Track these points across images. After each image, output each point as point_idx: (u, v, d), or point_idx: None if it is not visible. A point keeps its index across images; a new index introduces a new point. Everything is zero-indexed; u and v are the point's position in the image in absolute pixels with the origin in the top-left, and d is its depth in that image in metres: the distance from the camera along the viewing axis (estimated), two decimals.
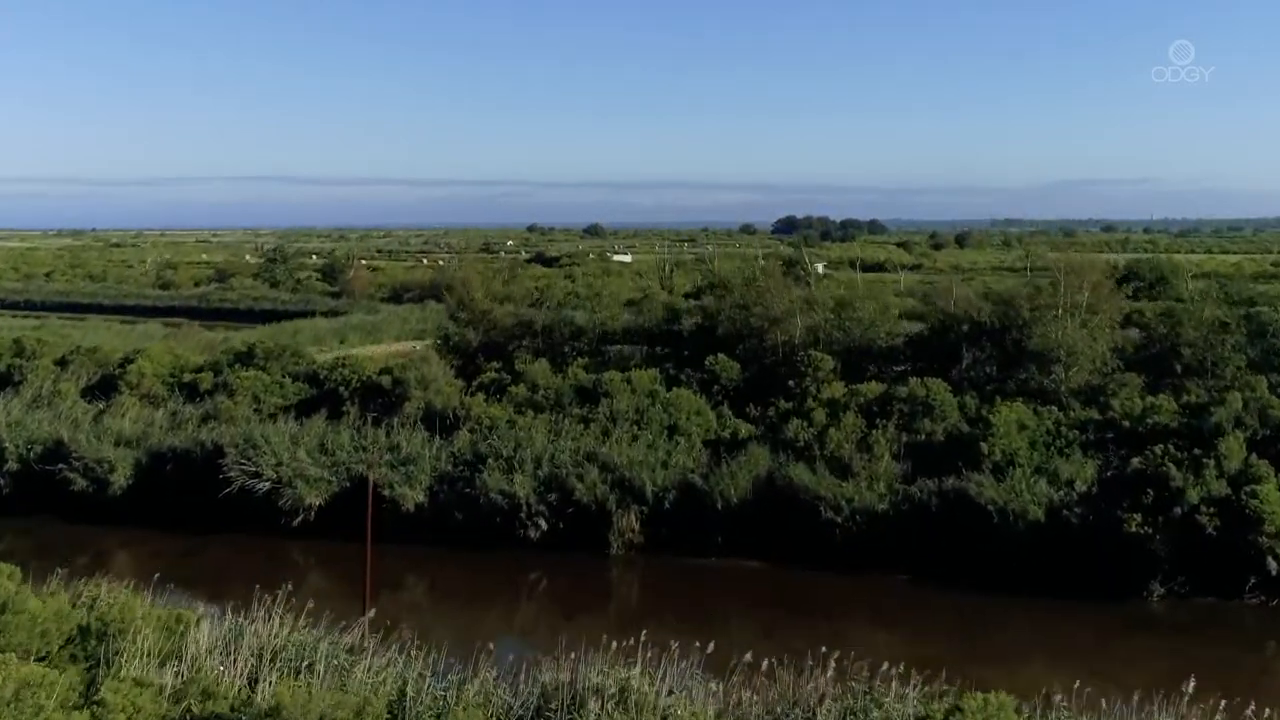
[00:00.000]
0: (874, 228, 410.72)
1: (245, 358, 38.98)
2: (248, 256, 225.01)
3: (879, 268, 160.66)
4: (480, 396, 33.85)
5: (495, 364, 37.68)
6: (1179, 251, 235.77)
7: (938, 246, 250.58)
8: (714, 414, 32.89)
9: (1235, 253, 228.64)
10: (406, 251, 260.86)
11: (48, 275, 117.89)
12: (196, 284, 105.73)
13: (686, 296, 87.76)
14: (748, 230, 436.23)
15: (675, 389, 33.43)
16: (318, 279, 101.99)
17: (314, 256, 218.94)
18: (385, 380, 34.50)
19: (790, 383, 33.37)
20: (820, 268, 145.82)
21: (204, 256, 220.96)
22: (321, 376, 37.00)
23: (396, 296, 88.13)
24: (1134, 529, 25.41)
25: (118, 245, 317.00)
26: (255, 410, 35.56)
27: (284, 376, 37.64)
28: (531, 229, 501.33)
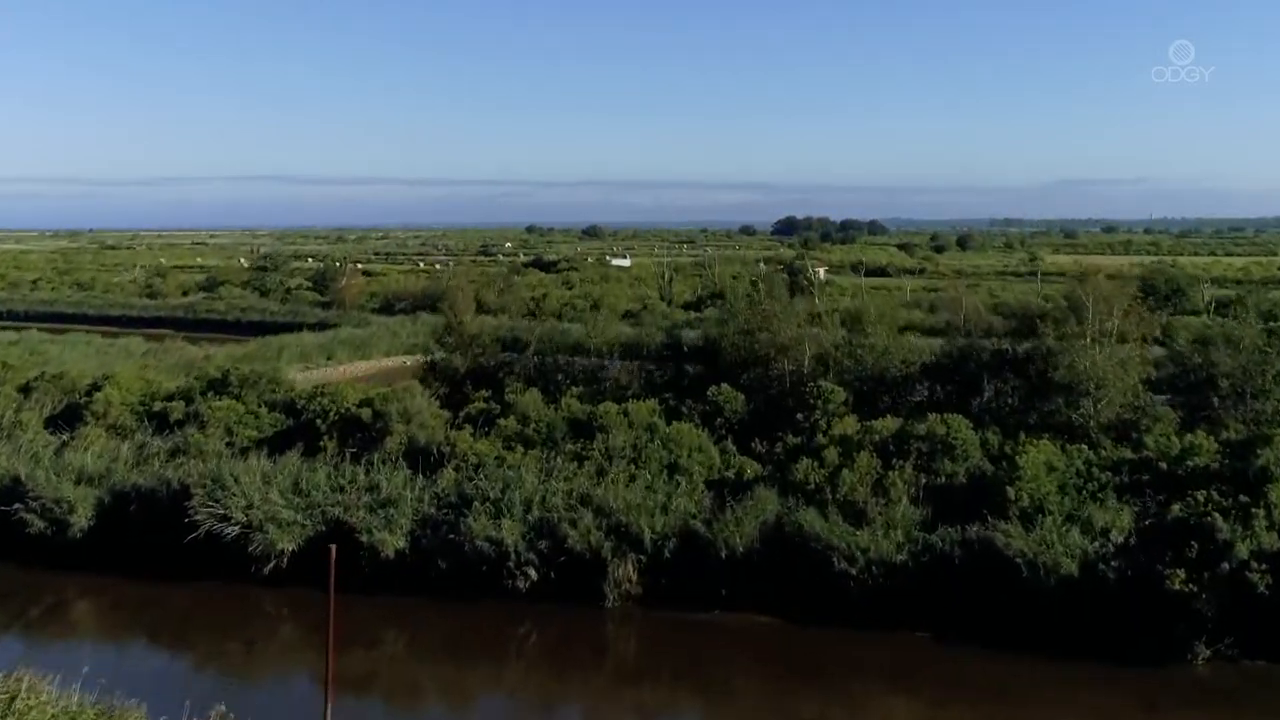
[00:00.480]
0: (874, 228, 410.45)
1: (219, 385, 36.76)
2: (242, 260, 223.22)
3: (882, 272, 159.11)
4: (467, 431, 31.64)
5: (484, 393, 35.45)
6: (1182, 254, 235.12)
7: (939, 249, 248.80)
8: (717, 450, 30.71)
9: (1240, 255, 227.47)
10: (404, 254, 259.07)
11: (34, 283, 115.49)
12: (185, 293, 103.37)
13: (686, 306, 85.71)
14: (747, 231, 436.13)
15: (675, 423, 31.25)
16: (308, 287, 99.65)
17: (310, 260, 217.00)
18: (365, 413, 32.28)
19: (799, 416, 31.17)
20: (822, 273, 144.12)
21: (199, 260, 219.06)
22: (299, 406, 34.81)
23: (388, 307, 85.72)
24: (1177, 586, 23.21)
25: (113, 248, 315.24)
26: (227, 444, 33.37)
27: (260, 406, 35.44)
28: (530, 230, 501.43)
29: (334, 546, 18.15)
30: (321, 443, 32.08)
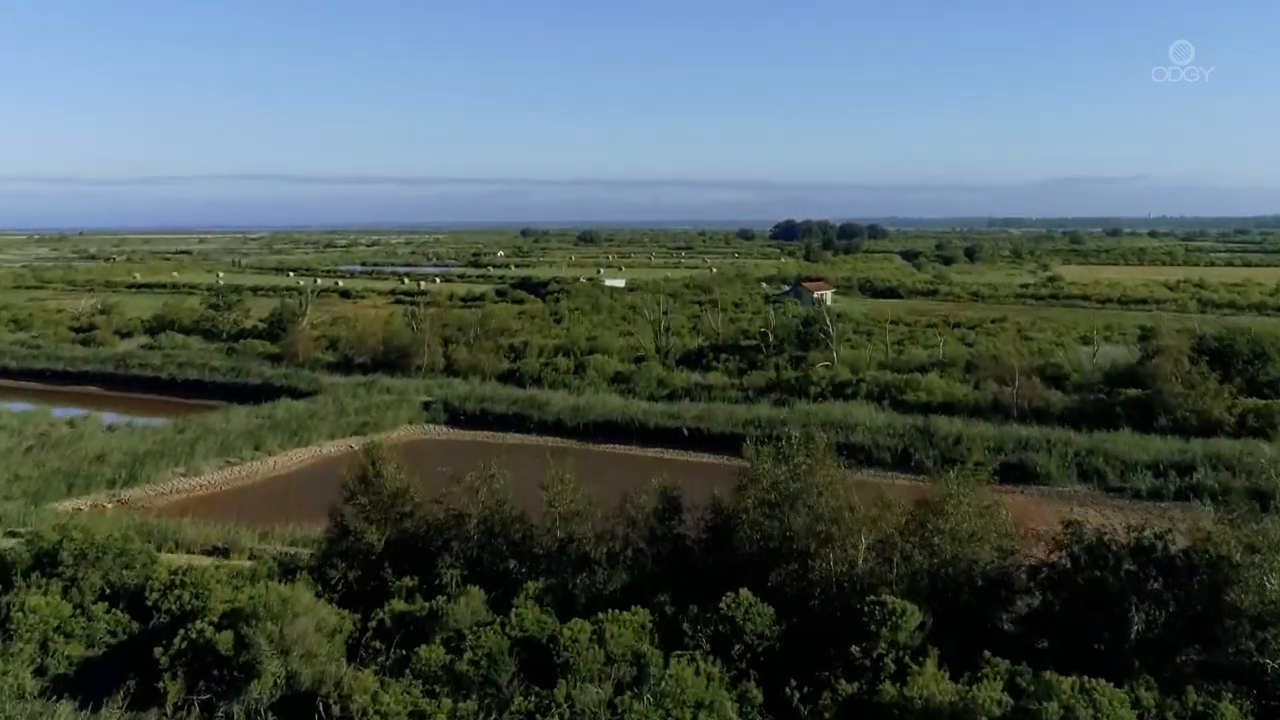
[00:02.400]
0: (874, 232, 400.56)
1: (49, 561, 26.85)
2: (220, 273, 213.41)
3: (892, 293, 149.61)
4: (371, 671, 21.69)
5: (408, 581, 25.55)
6: (1198, 265, 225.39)
7: (946, 260, 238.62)
8: (735, 706, 20.84)
9: (1260, 265, 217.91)
10: (391, 265, 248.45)
11: None
12: (129, 334, 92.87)
13: (685, 359, 75.63)
14: (745, 235, 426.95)
15: (675, 658, 21.37)
16: (262, 330, 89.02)
17: (291, 274, 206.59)
18: (225, 640, 22.31)
19: (855, 648, 21.28)
20: (829, 297, 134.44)
21: (174, 274, 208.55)
22: (150, 603, 24.97)
23: (346, 362, 75.13)
24: None
25: (93, 257, 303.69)
26: (36, 671, 23.48)
27: (97, 599, 25.62)
28: (525, 233, 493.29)
29: None
30: (162, 683, 22.17)
